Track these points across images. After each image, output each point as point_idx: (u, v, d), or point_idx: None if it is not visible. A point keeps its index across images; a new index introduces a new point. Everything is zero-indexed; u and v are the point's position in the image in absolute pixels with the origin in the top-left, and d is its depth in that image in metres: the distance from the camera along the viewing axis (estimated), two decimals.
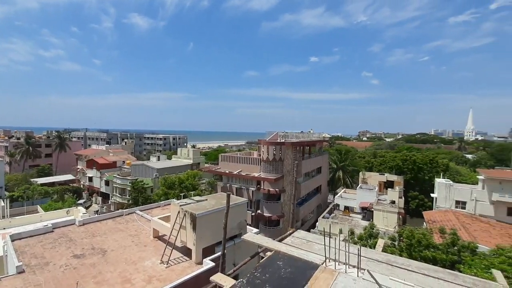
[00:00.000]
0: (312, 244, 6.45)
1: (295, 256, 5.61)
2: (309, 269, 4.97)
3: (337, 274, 4.87)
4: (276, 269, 5.00)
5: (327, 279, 4.66)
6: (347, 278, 4.72)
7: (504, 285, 4.86)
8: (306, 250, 6.03)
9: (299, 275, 4.81)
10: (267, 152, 33.52)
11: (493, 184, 34.02)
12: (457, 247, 17.68)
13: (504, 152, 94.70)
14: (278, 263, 5.22)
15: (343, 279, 4.69)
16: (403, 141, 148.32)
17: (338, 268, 5.08)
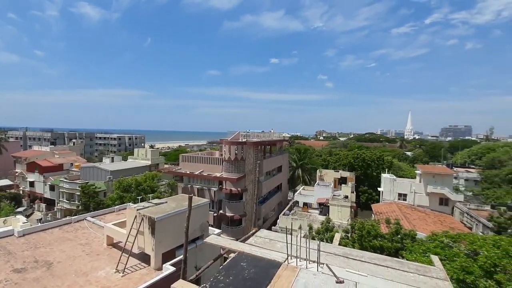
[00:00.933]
0: (274, 242, 6.56)
1: (258, 256, 5.65)
2: (272, 268, 5.04)
3: (299, 270, 5.02)
4: (240, 271, 4.97)
5: (289, 276, 4.77)
6: (308, 274, 4.89)
7: (441, 268, 5.51)
8: (269, 249, 6.11)
9: (263, 274, 4.84)
10: (229, 151, 33.33)
11: (428, 177, 38.32)
12: (400, 235, 19.49)
13: (436, 150, 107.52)
14: (242, 264, 5.20)
15: (304, 275, 4.84)
16: (354, 140, 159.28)
17: (299, 265, 5.23)
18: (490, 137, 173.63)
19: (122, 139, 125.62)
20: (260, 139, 39.44)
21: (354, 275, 4.87)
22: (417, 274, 5.16)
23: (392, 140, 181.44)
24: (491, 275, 12.57)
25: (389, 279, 4.90)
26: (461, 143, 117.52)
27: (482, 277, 12.47)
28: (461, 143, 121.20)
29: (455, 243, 16.11)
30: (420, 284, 4.79)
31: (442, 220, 30.73)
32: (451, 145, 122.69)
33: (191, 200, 6.77)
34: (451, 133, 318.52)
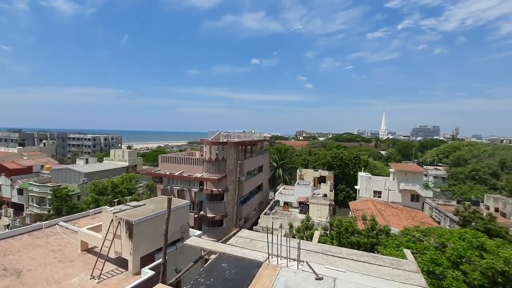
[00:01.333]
0: (255, 242, 6.57)
1: (239, 256, 5.63)
2: (253, 268, 5.05)
3: (280, 269, 5.06)
4: (221, 272, 4.93)
5: (270, 275, 4.80)
6: (288, 272, 4.95)
7: (413, 261, 5.80)
8: (250, 248, 6.11)
9: (244, 275, 4.84)
10: (210, 152, 32.98)
11: (400, 175, 40.14)
12: (375, 231, 20.24)
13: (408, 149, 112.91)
14: (223, 265, 5.16)
15: (285, 273, 4.89)
16: (333, 140, 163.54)
17: (280, 263, 5.28)
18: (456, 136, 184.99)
19: (97, 140, 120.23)
20: (241, 139, 39.40)
21: (332, 271, 4.99)
22: (391, 268, 5.39)
23: (368, 140, 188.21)
24: (457, 265, 13.36)
25: (365, 273, 5.08)
26: (430, 143, 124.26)
27: (449, 268, 13.23)
28: (430, 142, 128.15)
29: (425, 237, 16.97)
30: (394, 277, 5.01)
31: (414, 216, 32.30)
32: (421, 144, 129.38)
33: (170, 201, 6.61)
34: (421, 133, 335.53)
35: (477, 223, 24.49)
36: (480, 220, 24.94)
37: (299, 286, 4.52)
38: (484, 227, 23.16)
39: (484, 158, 60.17)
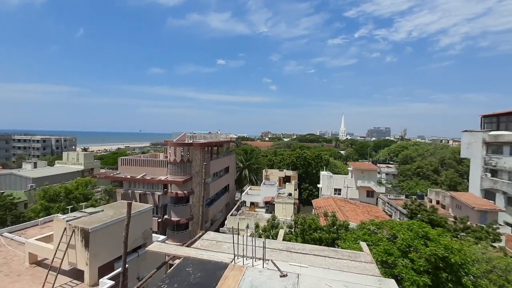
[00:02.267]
0: (221, 244, 6.50)
1: (205, 259, 5.52)
2: (219, 270, 4.99)
3: (245, 269, 5.07)
4: (186, 277, 4.79)
5: (236, 276, 4.78)
6: (254, 272, 4.98)
7: (368, 253, 6.23)
8: (216, 251, 6.03)
9: (209, 278, 4.75)
10: (175, 153, 31.93)
11: (357, 173, 42.77)
12: (336, 226, 21.28)
13: (364, 148, 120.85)
14: (188, 269, 5.01)
15: (250, 273, 4.91)
16: (297, 141, 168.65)
17: (246, 263, 5.29)
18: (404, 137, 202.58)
19: (47, 141, 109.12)
20: (207, 140, 38.79)
21: (296, 267, 5.14)
22: (349, 260, 5.73)
23: (329, 141, 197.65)
24: (406, 254, 14.58)
25: (326, 267, 5.32)
26: (382, 143, 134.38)
27: (400, 257, 14.38)
28: (383, 142, 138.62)
29: (379, 230, 18.24)
30: (351, 269, 5.33)
31: (369, 210, 34.63)
32: (375, 144, 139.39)
33: (130, 206, 6.26)
34: (375, 134, 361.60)
35: (422, 215, 27.00)
36: (425, 212, 27.56)
37: (264, 284, 4.57)
38: (428, 218, 25.67)
39: (427, 157, 66.72)
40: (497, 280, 13.79)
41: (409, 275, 13.15)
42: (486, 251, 17.40)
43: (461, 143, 45.86)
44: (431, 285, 13.03)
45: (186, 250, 6.04)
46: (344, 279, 4.79)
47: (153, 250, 6.44)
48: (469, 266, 13.98)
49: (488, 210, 31.26)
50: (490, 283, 13.64)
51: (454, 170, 56.63)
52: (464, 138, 43.78)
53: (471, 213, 30.75)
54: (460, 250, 13.77)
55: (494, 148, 38.00)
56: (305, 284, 4.52)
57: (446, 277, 13.24)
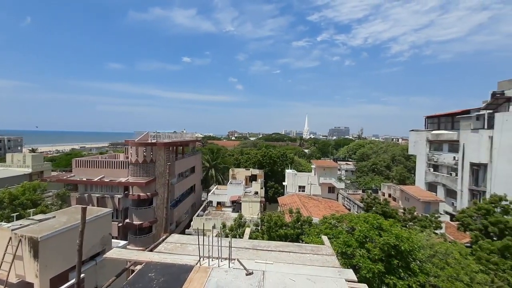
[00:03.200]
0: (186, 246, 6.31)
1: (168, 262, 5.31)
2: (183, 273, 4.83)
3: (211, 270, 4.99)
4: (148, 282, 4.56)
5: (202, 278, 4.68)
6: (219, 272, 4.92)
7: (329, 246, 6.54)
8: (180, 253, 5.84)
9: (173, 282, 4.59)
10: (137, 153, 30.27)
11: (320, 170, 44.65)
12: (300, 222, 21.98)
13: (326, 147, 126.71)
14: (150, 275, 4.78)
15: (216, 274, 4.85)
16: (263, 140, 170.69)
17: (212, 264, 5.20)
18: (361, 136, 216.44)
19: None
20: (172, 139, 37.44)
21: (262, 265, 5.20)
22: (312, 254, 5.96)
23: (294, 140, 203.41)
24: (363, 245, 15.59)
25: (290, 262, 5.47)
26: (342, 142, 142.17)
27: (357, 247, 15.33)
28: (342, 141, 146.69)
29: (339, 223, 19.25)
30: (314, 262, 5.55)
31: (331, 205, 36.38)
32: (336, 143, 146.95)
33: (85, 211, 5.77)
34: (335, 133, 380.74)
35: (376, 207, 29.10)
36: (379, 205, 29.74)
37: (230, 284, 4.54)
38: (381, 210, 27.74)
39: (380, 154, 72.14)
40: (439, 263, 15.41)
41: (365, 264, 14.08)
42: (429, 238, 19.31)
43: (409, 141, 50.48)
44: (384, 271, 14.11)
45: (149, 254, 5.75)
46: (307, 272, 4.97)
47: (112, 256, 6.03)
48: (416, 252, 15.42)
49: (431, 201, 34.81)
50: (433, 266, 15.18)
51: (403, 165, 62.07)
52: (411, 137, 48.23)
53: (417, 204, 33.98)
54: (408, 238, 15.11)
55: (436, 145, 42.41)
56: (270, 281, 4.59)
57: (397, 263, 14.43)
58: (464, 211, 26.05)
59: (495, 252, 18.24)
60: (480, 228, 22.98)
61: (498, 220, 22.27)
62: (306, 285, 4.53)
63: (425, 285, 14.26)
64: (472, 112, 35.56)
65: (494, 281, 15.29)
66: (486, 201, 25.17)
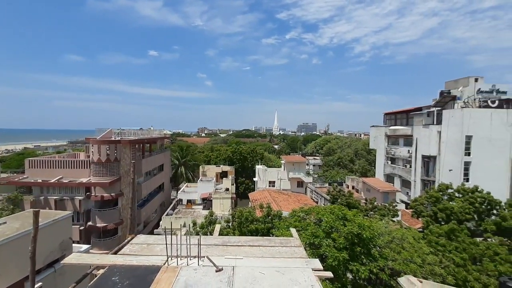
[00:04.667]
0: (153, 246, 6.06)
1: (134, 265, 5.06)
2: (150, 274, 4.64)
3: (179, 269, 4.85)
4: (111, 287, 4.30)
5: (170, 278, 4.54)
6: (188, 271, 4.81)
7: (297, 238, 6.75)
8: (147, 254, 5.59)
9: (140, 284, 4.38)
10: (99, 152, 28.38)
11: (289, 166, 45.72)
12: (270, 216, 22.38)
13: (295, 143, 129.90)
14: (113, 279, 4.51)
15: (185, 273, 4.73)
16: (233, 136, 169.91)
17: (180, 263, 5.06)
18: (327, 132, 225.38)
19: None
20: (138, 136, 35.73)
21: (232, 260, 5.18)
22: (281, 247, 6.09)
23: (264, 136, 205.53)
24: (329, 235, 16.35)
25: (260, 256, 5.52)
26: (310, 137, 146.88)
27: (324, 238, 16.03)
28: (310, 137, 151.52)
29: (307, 216, 19.93)
30: (282, 254, 5.67)
31: (299, 199, 37.53)
32: (304, 139, 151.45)
33: (38, 215, 5.26)
34: (304, 129, 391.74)
35: (341, 199, 30.66)
36: (343, 196, 31.36)
37: (199, 282, 4.46)
38: (346, 202, 29.29)
39: (345, 149, 75.90)
40: (396, 248, 16.70)
41: (331, 253, 14.79)
42: (388, 225, 20.85)
43: (370, 137, 53.74)
44: (348, 259, 14.95)
45: (112, 257, 5.43)
46: (276, 264, 5.06)
47: (71, 262, 5.58)
48: (376, 239, 16.56)
49: (389, 191, 37.55)
50: (390, 251, 16.41)
51: (365, 159, 66.02)
52: (371, 132, 51.40)
53: (377, 194, 36.43)
54: (369, 227, 16.15)
55: (393, 140, 45.69)
56: (240, 275, 4.60)
57: (359, 250, 15.36)
58: (417, 200, 28.51)
59: (443, 235, 20.25)
60: (431, 215, 25.34)
61: (445, 206, 24.75)
62: (275, 276, 4.62)
63: (384, 269, 15.39)
64: (424, 109, 38.84)
65: (442, 261, 16.98)
66: (435, 190, 27.80)
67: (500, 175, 32.76)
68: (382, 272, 15.11)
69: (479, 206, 24.51)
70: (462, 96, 35.89)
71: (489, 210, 24.74)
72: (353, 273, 15.35)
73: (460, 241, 19.38)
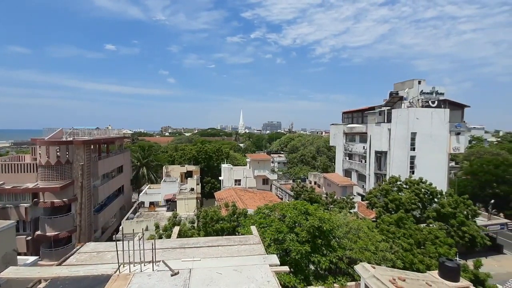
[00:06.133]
0: (104, 254, 5.64)
1: (80, 275, 4.66)
2: (99, 284, 4.31)
3: (132, 276, 4.59)
4: None
5: (121, 286, 4.26)
6: (142, 277, 4.57)
7: (256, 235, 6.81)
8: (96, 263, 5.18)
9: None
10: (48, 154, 25.69)
11: (254, 164, 46.15)
12: (236, 215, 22.32)
13: (260, 141, 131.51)
14: None
15: (138, 280, 4.48)
16: (198, 135, 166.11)
17: (133, 270, 4.79)
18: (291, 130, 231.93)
19: None
20: (94, 136, 33.10)
21: (189, 263, 5.05)
22: (240, 245, 6.10)
23: (229, 134, 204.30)
24: (292, 229, 16.85)
25: (219, 256, 5.47)
26: (275, 135, 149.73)
27: (288, 233, 16.49)
28: (275, 135, 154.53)
29: (272, 212, 20.30)
30: (241, 253, 5.68)
31: (265, 196, 38.09)
32: (269, 137, 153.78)
33: None
34: (269, 127, 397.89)
35: (304, 194, 31.80)
36: (306, 192, 32.55)
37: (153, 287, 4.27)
38: (308, 197, 30.46)
39: (307, 146, 78.81)
40: (352, 238, 17.80)
41: (294, 247, 15.27)
42: (345, 217, 22.12)
43: (330, 134, 56.56)
44: (310, 251, 15.57)
45: (56, 269, 4.93)
46: (234, 263, 5.05)
47: (8, 276, 4.96)
48: (335, 231, 17.48)
49: (347, 185, 39.93)
50: (348, 241, 17.45)
51: (326, 156, 69.35)
52: (331, 130, 54.12)
53: (337, 188, 38.52)
54: (329, 219, 16.99)
55: (350, 137, 48.62)
56: (197, 278, 4.50)
57: (320, 242, 16.09)
58: (371, 192, 30.76)
59: (393, 224, 22.12)
60: (383, 205, 27.53)
61: (395, 197, 27.06)
62: (232, 275, 4.61)
63: (343, 258, 16.32)
64: (376, 108, 41.98)
65: (392, 247, 18.55)
66: (386, 183, 30.25)
67: (440, 167, 36.83)
68: (341, 261, 16.00)
69: (423, 196, 27.28)
70: (408, 97, 39.51)
71: (431, 199, 27.67)
72: (314, 265, 16.03)
73: (407, 228, 21.35)
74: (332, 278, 15.86)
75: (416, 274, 9.97)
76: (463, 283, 8.97)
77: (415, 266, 17.80)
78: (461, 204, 26.46)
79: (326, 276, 16.31)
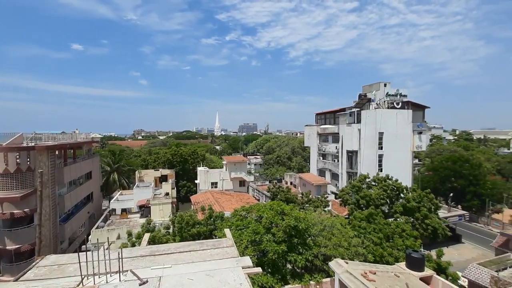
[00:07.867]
0: (66, 267, 5.26)
1: None
2: None
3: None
4: None
5: None
6: None
7: (230, 238, 6.75)
8: (57, 277, 4.82)
9: None
10: (5, 161, 23.53)
11: (231, 166, 45.90)
12: (213, 218, 22.01)
13: (236, 143, 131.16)
14: None
15: None
16: (173, 138, 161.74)
17: (98, 282, 4.52)
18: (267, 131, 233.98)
19: None
20: (59, 141, 30.93)
21: (159, 271, 4.87)
22: (213, 249, 6.01)
23: (205, 137, 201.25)
24: (269, 230, 16.94)
25: (190, 261, 5.34)
26: (251, 137, 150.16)
27: (264, 233, 16.56)
28: (251, 137, 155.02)
29: (249, 214, 20.26)
30: (214, 256, 5.60)
31: (242, 198, 37.97)
32: (246, 139, 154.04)
33: None
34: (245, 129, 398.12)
35: (280, 195, 32.19)
36: (282, 192, 32.99)
37: None
38: (285, 197, 30.89)
39: (283, 147, 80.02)
40: (327, 235, 18.29)
41: (271, 247, 15.35)
42: (320, 215, 22.72)
43: (304, 135, 57.93)
44: (287, 250, 15.76)
45: (12, 286, 4.50)
46: (206, 268, 4.96)
47: None
48: (310, 229, 17.84)
49: (321, 184, 41.08)
50: (323, 238, 17.91)
51: (301, 156, 70.87)
52: (306, 131, 55.45)
53: (312, 188, 39.49)
54: (305, 218, 17.31)
55: (323, 137, 50.14)
56: (167, 285, 4.35)
57: (296, 241, 16.34)
58: (343, 190, 31.92)
59: (364, 219, 23.10)
60: (354, 202, 28.67)
61: (365, 194, 28.31)
62: (204, 280, 4.52)
63: (318, 255, 16.70)
64: (347, 110, 43.75)
65: (364, 242, 19.35)
66: (357, 180, 31.57)
67: (404, 164, 39.22)
68: (316, 258, 16.36)
69: (390, 192, 28.85)
70: (375, 99, 41.67)
71: (397, 194, 29.34)
72: (291, 264, 16.24)
73: (377, 223, 22.41)
74: (308, 275, 16.16)
75: (385, 267, 10.52)
76: (428, 272, 9.62)
77: (385, 259, 18.70)
78: (425, 198, 28.38)
79: (302, 274, 16.58)
